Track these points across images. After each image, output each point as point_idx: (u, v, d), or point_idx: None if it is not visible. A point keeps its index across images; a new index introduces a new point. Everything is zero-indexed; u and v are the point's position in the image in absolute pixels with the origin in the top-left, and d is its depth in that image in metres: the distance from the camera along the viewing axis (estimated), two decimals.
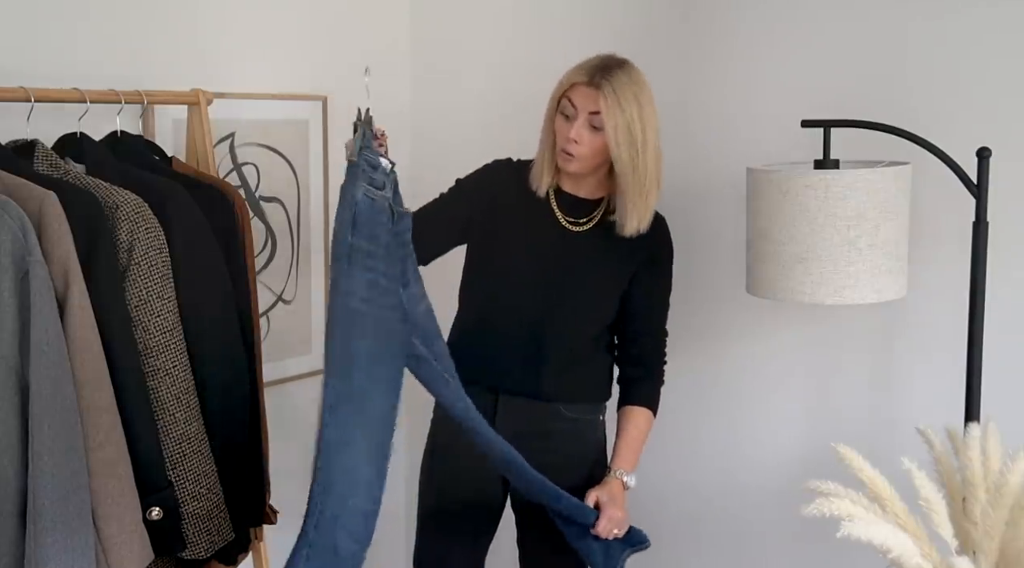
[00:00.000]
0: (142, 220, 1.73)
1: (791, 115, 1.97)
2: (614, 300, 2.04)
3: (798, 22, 2.18)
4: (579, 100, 1.90)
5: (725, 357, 2.36)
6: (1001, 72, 1.94)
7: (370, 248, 1.65)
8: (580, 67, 1.93)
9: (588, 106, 1.89)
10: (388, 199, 1.69)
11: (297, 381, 2.60)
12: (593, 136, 1.91)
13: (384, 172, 1.68)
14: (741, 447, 2.36)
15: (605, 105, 1.87)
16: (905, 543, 1.34)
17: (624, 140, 1.88)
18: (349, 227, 1.62)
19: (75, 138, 1.87)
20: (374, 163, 1.66)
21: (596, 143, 1.91)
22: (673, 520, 2.48)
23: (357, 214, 1.62)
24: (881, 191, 1.74)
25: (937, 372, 2.04)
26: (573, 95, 1.91)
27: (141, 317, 1.74)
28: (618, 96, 1.87)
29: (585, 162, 1.94)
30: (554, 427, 2.05)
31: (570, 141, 1.91)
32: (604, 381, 2.10)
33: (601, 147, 1.91)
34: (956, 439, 1.56)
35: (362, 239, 1.64)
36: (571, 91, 1.92)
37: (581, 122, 1.90)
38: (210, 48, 2.32)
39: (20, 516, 1.53)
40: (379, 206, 1.66)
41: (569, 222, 2.02)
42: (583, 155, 1.92)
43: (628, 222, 1.95)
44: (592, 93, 1.88)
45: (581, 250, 2.01)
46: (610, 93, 1.87)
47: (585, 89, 1.89)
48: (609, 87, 1.87)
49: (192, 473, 1.79)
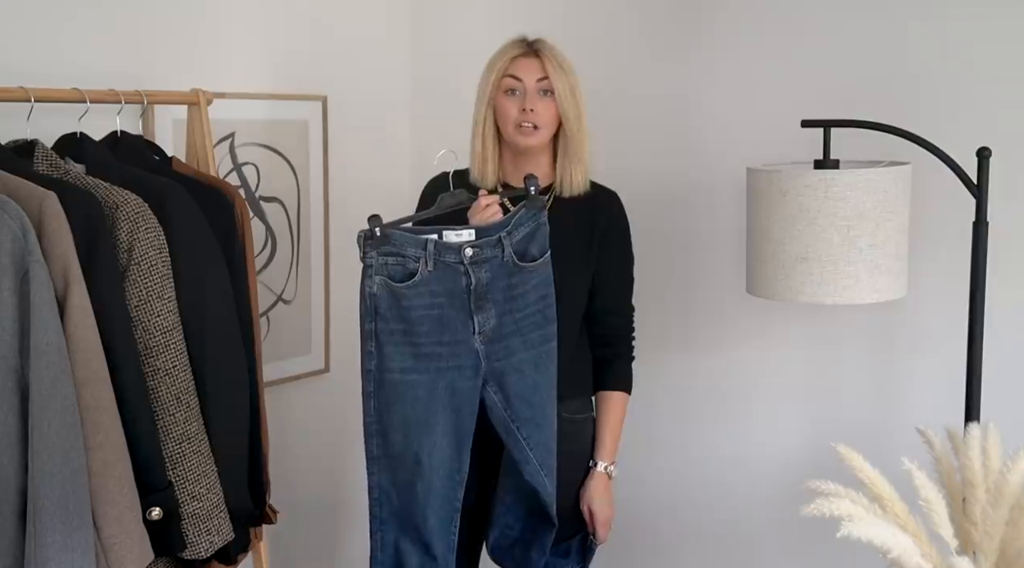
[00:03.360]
0: (142, 220, 1.73)
1: (791, 115, 1.97)
2: (586, 283, 2.04)
3: (798, 22, 2.18)
4: (523, 72, 1.95)
5: (725, 357, 2.36)
6: (1001, 72, 1.95)
7: (403, 327, 1.83)
8: (508, 46, 1.99)
9: (535, 74, 1.95)
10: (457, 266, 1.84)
11: (297, 381, 2.60)
12: (546, 104, 1.95)
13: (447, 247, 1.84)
14: (741, 447, 2.36)
15: (552, 68, 1.94)
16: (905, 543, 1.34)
17: (570, 100, 1.95)
18: (368, 315, 1.82)
19: (75, 138, 1.87)
20: (402, 254, 1.83)
21: (551, 110, 1.96)
22: (673, 520, 2.48)
23: (377, 304, 1.82)
24: (881, 191, 1.74)
25: (937, 372, 2.04)
26: (515, 69, 1.96)
27: (141, 317, 1.74)
28: (557, 59, 1.95)
29: (545, 131, 1.97)
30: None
31: (526, 112, 1.94)
32: (588, 374, 2.10)
33: (554, 114, 1.96)
34: (956, 439, 1.56)
35: (390, 322, 1.82)
36: (512, 66, 1.96)
37: (532, 92, 1.95)
38: (210, 48, 2.32)
39: (20, 516, 1.53)
40: (403, 294, 1.82)
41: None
42: (543, 123, 1.95)
43: (571, 180, 2.00)
44: (534, 62, 1.95)
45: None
46: (551, 57, 1.95)
47: (525, 59, 1.96)
48: (548, 52, 1.96)
49: (192, 473, 1.79)
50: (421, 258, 1.82)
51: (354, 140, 2.69)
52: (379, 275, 1.81)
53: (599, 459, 2.06)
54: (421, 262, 1.82)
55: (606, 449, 2.06)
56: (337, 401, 2.71)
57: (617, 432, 2.08)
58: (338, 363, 2.70)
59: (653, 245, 2.29)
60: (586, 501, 2.05)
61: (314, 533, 2.72)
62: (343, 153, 2.66)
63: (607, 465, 2.06)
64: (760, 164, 1.93)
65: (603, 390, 2.08)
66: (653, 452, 2.44)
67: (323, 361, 2.68)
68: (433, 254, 1.83)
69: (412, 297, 1.83)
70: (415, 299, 1.83)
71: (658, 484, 2.48)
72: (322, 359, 2.68)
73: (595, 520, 2.05)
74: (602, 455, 2.06)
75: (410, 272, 1.82)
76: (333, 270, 2.66)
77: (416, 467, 1.85)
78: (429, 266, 1.82)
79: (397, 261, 1.82)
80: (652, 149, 2.42)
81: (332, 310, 2.67)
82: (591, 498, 2.05)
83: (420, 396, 1.84)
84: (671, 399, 2.25)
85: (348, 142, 2.66)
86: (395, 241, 1.81)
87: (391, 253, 1.81)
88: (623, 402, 2.08)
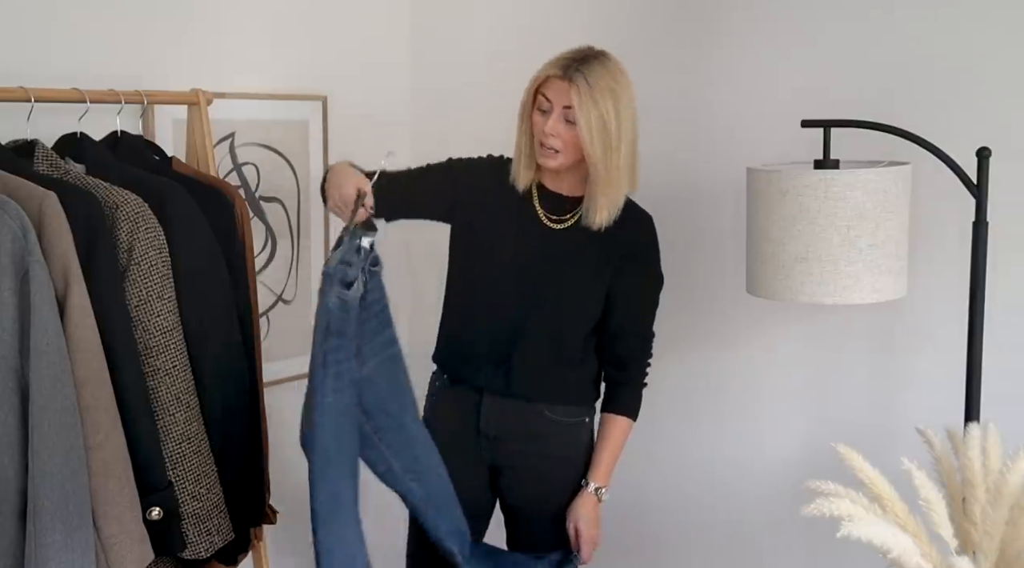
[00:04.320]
0: (142, 220, 1.73)
1: (791, 115, 1.97)
2: (596, 300, 2.01)
3: (799, 22, 2.18)
4: (553, 94, 1.87)
5: (725, 357, 2.36)
6: (1001, 72, 1.94)
7: (338, 343, 1.73)
8: (555, 60, 1.89)
9: (562, 100, 1.86)
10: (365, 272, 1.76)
11: (297, 381, 2.60)
12: (569, 130, 1.87)
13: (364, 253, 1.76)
14: (741, 447, 2.36)
15: (578, 99, 1.83)
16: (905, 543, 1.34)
17: (598, 135, 1.85)
18: (323, 335, 1.71)
19: (75, 138, 1.87)
20: (349, 261, 1.73)
21: (572, 138, 1.88)
22: (673, 520, 2.48)
23: (330, 322, 1.71)
24: (881, 191, 1.74)
25: (937, 372, 2.04)
26: (547, 89, 1.88)
27: (141, 317, 1.74)
28: (592, 89, 1.83)
29: (566, 156, 1.91)
30: (537, 429, 2.03)
31: (547, 136, 1.89)
32: (590, 384, 2.07)
33: (578, 142, 1.87)
34: (956, 439, 1.56)
35: (333, 338, 1.71)
36: (545, 85, 1.88)
37: (556, 116, 1.87)
38: (210, 48, 2.32)
39: (20, 516, 1.53)
40: (349, 303, 1.73)
41: (550, 220, 2.00)
42: (563, 148, 1.90)
43: (595, 215, 1.92)
44: (564, 86, 1.84)
45: (561, 247, 1.98)
46: (583, 86, 1.83)
47: (558, 82, 1.85)
48: (582, 80, 1.83)
49: (192, 473, 1.79)
50: (357, 265, 1.74)
51: (354, 140, 2.69)
52: (338, 285, 1.72)
53: (592, 480, 2.02)
54: (356, 270, 1.74)
55: (601, 471, 2.03)
56: None
57: (615, 456, 2.05)
58: None
59: None
60: (572, 519, 2.02)
61: None
62: (343, 153, 2.65)
63: (599, 487, 2.02)
64: (760, 164, 1.93)
65: (609, 413, 2.05)
66: (653, 452, 2.44)
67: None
68: (361, 261, 1.76)
69: (352, 309, 1.74)
70: (352, 311, 1.75)
71: (658, 483, 2.48)
72: None
73: (580, 539, 2.01)
74: (596, 476, 2.02)
75: (350, 281, 1.73)
76: None
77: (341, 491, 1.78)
78: (360, 276, 1.75)
79: (344, 269, 1.73)
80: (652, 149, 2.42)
81: None
82: (578, 517, 2.01)
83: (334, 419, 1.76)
84: (671, 399, 2.24)
85: (348, 142, 2.66)
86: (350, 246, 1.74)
87: (345, 262, 1.73)
88: (627, 428, 2.05)
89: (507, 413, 2.03)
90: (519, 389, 2.01)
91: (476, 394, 2.04)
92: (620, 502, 2.40)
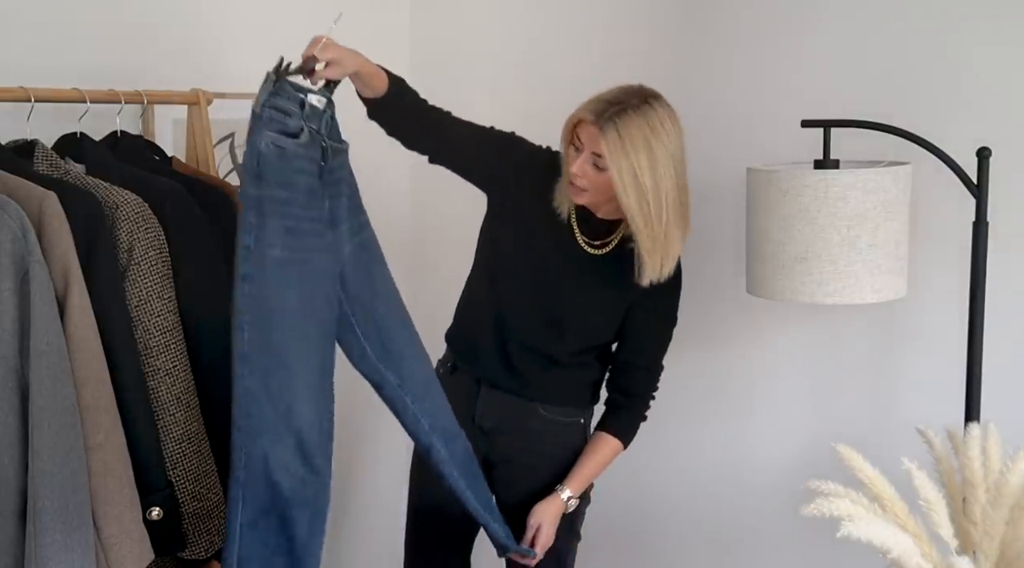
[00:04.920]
0: (142, 220, 1.73)
1: (791, 115, 1.97)
2: (606, 328, 2.00)
3: (799, 22, 2.18)
4: (585, 138, 1.80)
5: (725, 357, 2.36)
6: (1001, 72, 1.94)
7: (285, 196, 1.60)
8: (594, 100, 1.81)
9: (591, 145, 1.79)
10: (319, 134, 1.65)
11: None
12: (597, 175, 1.80)
13: (313, 112, 1.64)
14: (741, 447, 2.36)
15: (607, 149, 1.75)
16: (905, 543, 1.34)
17: (631, 186, 1.76)
18: (253, 179, 1.58)
19: (75, 138, 1.87)
20: (287, 110, 1.61)
21: (600, 181, 1.81)
22: (673, 520, 2.48)
23: (261, 165, 1.57)
24: (881, 191, 1.74)
25: (937, 372, 2.04)
26: (581, 130, 1.81)
27: (141, 317, 1.74)
28: (623, 141, 1.74)
29: (594, 195, 1.85)
30: (531, 425, 2.04)
31: (575, 176, 1.83)
32: (589, 388, 2.08)
33: (607, 185, 1.80)
34: (956, 439, 1.56)
35: (273, 188, 1.58)
36: (580, 126, 1.82)
37: (584, 158, 1.80)
38: (210, 48, 2.32)
39: (20, 516, 1.53)
40: (292, 153, 1.60)
41: (585, 241, 1.95)
42: (591, 189, 1.84)
43: (645, 271, 1.85)
44: (595, 133, 1.76)
45: (585, 273, 1.96)
46: (613, 138, 1.74)
47: (590, 128, 1.78)
48: (613, 130, 1.74)
49: (192, 473, 1.79)
50: (298, 117, 1.61)
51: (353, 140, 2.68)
52: (269, 129, 1.58)
53: (567, 486, 2.00)
54: (302, 122, 1.61)
55: (577, 482, 2.01)
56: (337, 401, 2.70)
57: (595, 474, 2.04)
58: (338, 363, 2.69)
59: None
60: (536, 516, 1.99)
61: None
62: None
63: (570, 496, 2.00)
64: (760, 164, 1.93)
65: (602, 431, 2.03)
66: (653, 451, 2.44)
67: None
68: (307, 116, 1.62)
69: (296, 160, 1.61)
70: (297, 162, 1.62)
71: (658, 483, 2.48)
72: None
73: (536, 540, 1.98)
74: (571, 484, 2.00)
75: (293, 132, 1.60)
76: None
77: (292, 364, 1.63)
78: (305, 129, 1.62)
79: (280, 117, 1.59)
80: None
81: None
82: (542, 517, 1.99)
83: (293, 280, 1.61)
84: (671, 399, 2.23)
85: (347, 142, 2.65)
86: (284, 92, 1.60)
87: (277, 107, 1.59)
88: (616, 451, 2.03)
89: (502, 407, 2.04)
90: (516, 386, 2.02)
91: (475, 385, 2.05)
92: (620, 501, 2.41)
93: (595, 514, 2.16)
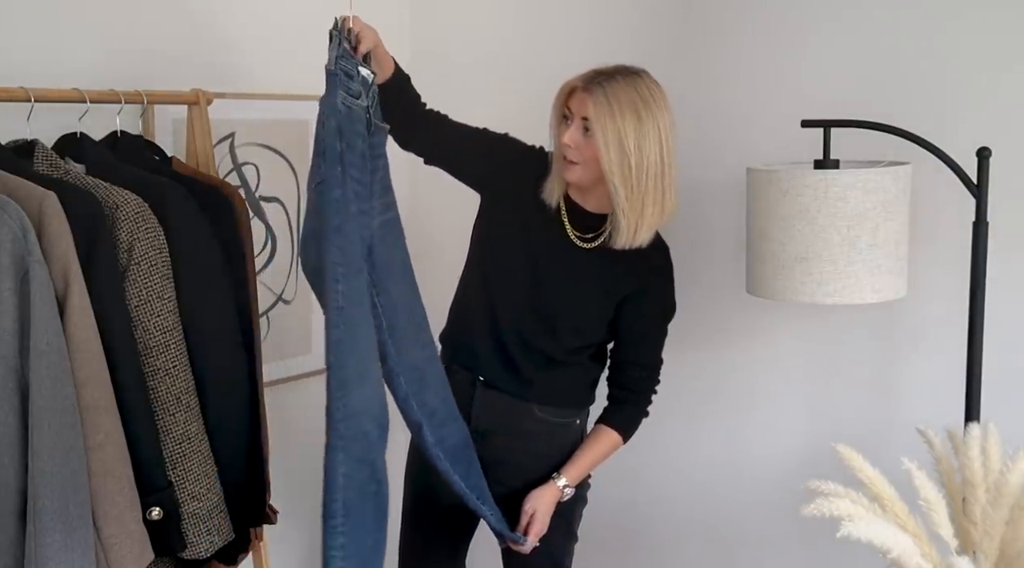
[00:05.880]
0: (142, 220, 1.73)
1: (791, 115, 1.97)
2: (598, 324, 2.00)
3: (798, 22, 2.18)
4: (574, 104, 1.85)
5: (725, 357, 2.36)
6: (1001, 72, 1.95)
7: (350, 156, 1.64)
8: (585, 72, 1.87)
9: (581, 110, 1.83)
10: (366, 108, 1.68)
11: (297, 381, 2.60)
12: (587, 142, 1.83)
13: (363, 82, 1.67)
14: (741, 447, 2.36)
15: (594, 110, 1.79)
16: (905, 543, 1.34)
17: (615, 151, 1.79)
18: (335, 133, 1.61)
19: (75, 138, 1.87)
20: (350, 72, 1.64)
21: (588, 150, 1.84)
22: (673, 519, 2.48)
23: (340, 120, 1.61)
24: (881, 191, 1.74)
25: (937, 372, 2.04)
26: (571, 100, 1.87)
27: (141, 317, 1.74)
28: (611, 104, 1.78)
29: (584, 170, 1.87)
30: (526, 426, 2.04)
31: (565, 145, 1.86)
32: (585, 388, 2.08)
33: (594, 155, 1.83)
34: (956, 439, 1.57)
35: (346, 144, 1.63)
36: (571, 96, 1.87)
37: (575, 126, 1.85)
38: (210, 48, 2.32)
39: (20, 516, 1.53)
40: (356, 115, 1.64)
41: (576, 236, 1.97)
42: (581, 160, 1.86)
43: (618, 235, 1.88)
44: (585, 97, 1.82)
45: (576, 267, 1.97)
46: (601, 99, 1.79)
47: (580, 93, 1.84)
48: (601, 93, 1.79)
49: (192, 473, 1.79)
50: (358, 81, 1.65)
51: None
52: (340, 88, 1.61)
53: (564, 474, 2.01)
54: (358, 87, 1.64)
55: (575, 471, 2.02)
56: None
57: (593, 465, 2.05)
58: None
59: None
60: (531, 502, 2.00)
61: (314, 533, 2.72)
62: None
63: (566, 484, 2.01)
64: (760, 164, 1.93)
65: (602, 423, 2.04)
66: (653, 451, 2.44)
67: (323, 361, 2.67)
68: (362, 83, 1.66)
69: (357, 123, 1.64)
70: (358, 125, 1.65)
71: (657, 483, 2.48)
72: (322, 359, 2.66)
73: (531, 526, 1.99)
74: (568, 473, 2.01)
75: (356, 94, 1.64)
76: None
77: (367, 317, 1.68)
78: (363, 94, 1.65)
79: (346, 79, 1.63)
80: None
81: None
82: (537, 504, 1.99)
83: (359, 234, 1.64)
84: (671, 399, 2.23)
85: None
86: (347, 54, 1.63)
87: (344, 70, 1.62)
88: (616, 444, 2.04)
89: (499, 408, 2.04)
90: (513, 386, 2.02)
91: (470, 387, 2.04)
92: (619, 501, 2.40)
93: (593, 514, 2.16)
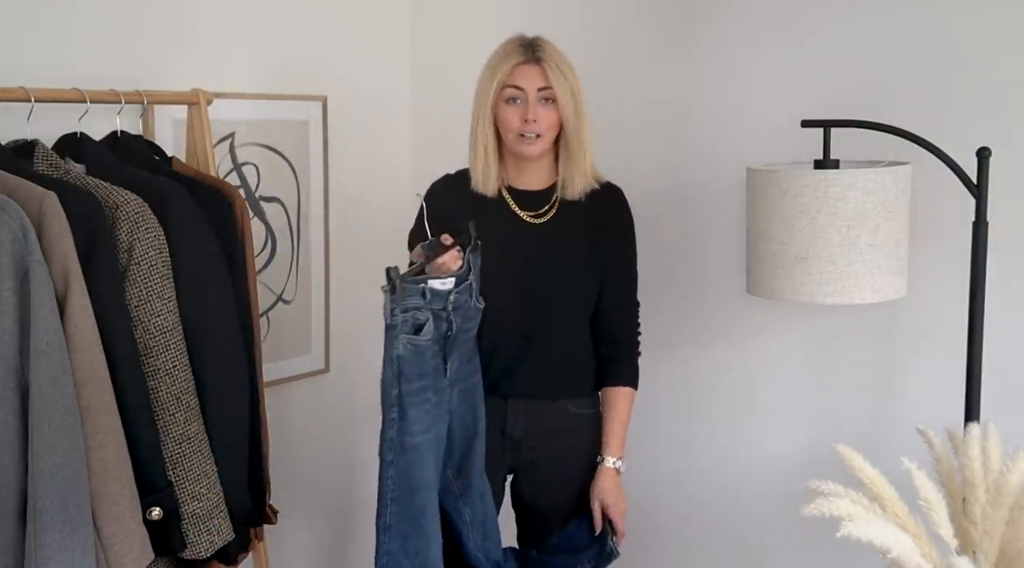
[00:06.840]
0: (142, 220, 1.73)
1: (791, 115, 1.97)
2: (593, 287, 2.03)
3: (798, 22, 2.18)
4: (524, 81, 1.93)
5: (725, 357, 2.36)
6: (1001, 72, 1.94)
7: (421, 384, 1.80)
8: (508, 52, 1.95)
9: (535, 83, 1.93)
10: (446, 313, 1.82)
11: (297, 381, 2.60)
12: (548, 111, 1.94)
13: (435, 294, 1.80)
14: (741, 447, 2.36)
15: (554, 76, 1.91)
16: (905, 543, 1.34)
17: (571, 106, 1.93)
18: (393, 380, 1.77)
19: (75, 138, 1.87)
20: (414, 306, 1.77)
21: (551, 118, 1.94)
22: (673, 520, 2.48)
23: (402, 366, 1.77)
24: (881, 191, 1.73)
25: (937, 372, 2.04)
26: (517, 78, 1.93)
27: (141, 317, 1.74)
28: (559, 66, 1.93)
29: (546, 140, 1.96)
30: (562, 425, 2.05)
31: (529, 122, 1.93)
32: (594, 374, 2.10)
33: (556, 121, 1.94)
34: (956, 439, 1.56)
35: (413, 382, 1.78)
36: (513, 75, 1.93)
37: (533, 100, 1.93)
38: (210, 48, 2.32)
39: (20, 516, 1.53)
40: (424, 347, 1.79)
41: (530, 216, 2.02)
42: (544, 131, 1.94)
43: (571, 186, 1.99)
44: (535, 69, 1.92)
45: (549, 240, 2.01)
46: (553, 65, 1.92)
47: (526, 68, 1.93)
48: (549, 58, 1.93)
49: (192, 473, 1.79)
50: (424, 308, 1.79)
51: (354, 140, 2.69)
52: (403, 333, 1.76)
53: (607, 454, 2.04)
54: (426, 313, 1.79)
55: (614, 444, 2.04)
56: (337, 401, 2.71)
57: (625, 427, 2.06)
58: (338, 363, 2.70)
59: (653, 245, 2.28)
60: (598, 497, 2.03)
61: (314, 533, 2.72)
62: (343, 153, 2.66)
63: (615, 460, 2.04)
64: (760, 164, 1.93)
65: (609, 386, 2.07)
66: (653, 451, 2.44)
67: (323, 361, 2.68)
68: (431, 300, 1.80)
69: (428, 351, 1.80)
70: (430, 352, 1.81)
71: (658, 483, 2.48)
72: (322, 359, 2.68)
73: (610, 513, 2.02)
74: (610, 450, 2.04)
75: (420, 325, 1.79)
76: (333, 270, 2.66)
77: (428, 529, 1.82)
78: (431, 317, 1.80)
79: (411, 317, 1.77)
80: (652, 149, 2.42)
81: (332, 310, 2.67)
82: (603, 492, 2.03)
83: (429, 456, 1.81)
84: (671, 399, 2.24)
85: (348, 142, 2.66)
86: (406, 292, 1.77)
87: (406, 309, 1.77)
88: (630, 397, 2.07)
89: (534, 415, 2.05)
90: (543, 391, 2.03)
91: (501, 400, 2.04)
92: None
93: None
